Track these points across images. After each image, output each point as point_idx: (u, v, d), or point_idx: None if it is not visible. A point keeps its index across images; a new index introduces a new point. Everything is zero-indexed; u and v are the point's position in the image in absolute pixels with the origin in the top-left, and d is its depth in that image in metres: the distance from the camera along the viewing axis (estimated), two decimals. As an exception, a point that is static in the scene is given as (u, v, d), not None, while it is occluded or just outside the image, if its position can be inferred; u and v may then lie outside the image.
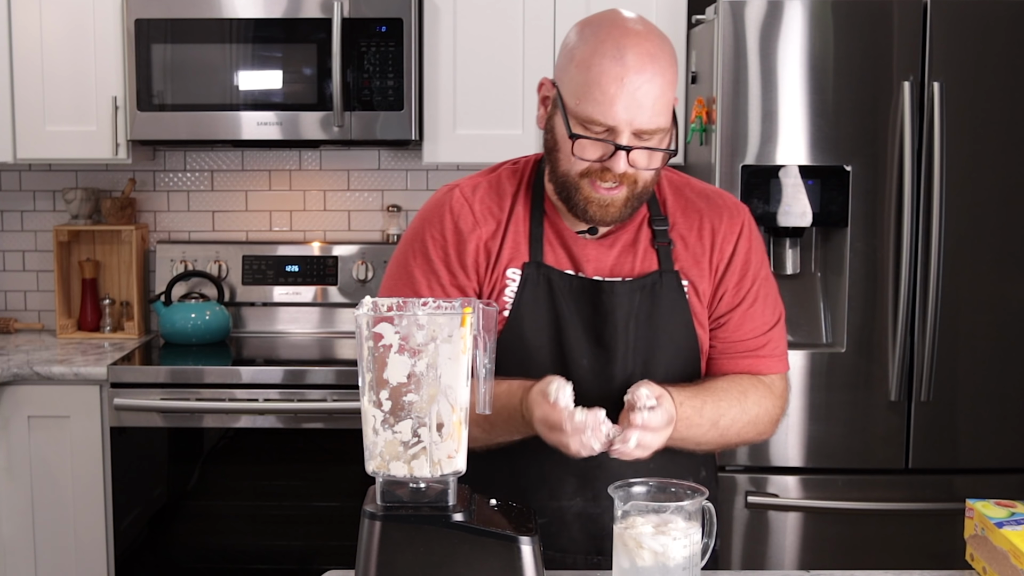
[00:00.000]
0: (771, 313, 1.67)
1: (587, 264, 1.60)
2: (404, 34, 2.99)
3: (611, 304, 1.58)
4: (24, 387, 2.87)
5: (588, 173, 1.50)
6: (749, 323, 1.64)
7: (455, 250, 1.60)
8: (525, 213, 1.62)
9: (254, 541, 2.92)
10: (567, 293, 1.59)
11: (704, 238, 1.63)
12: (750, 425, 1.61)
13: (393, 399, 1.26)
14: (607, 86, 1.45)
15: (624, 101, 1.45)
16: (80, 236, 3.43)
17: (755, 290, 1.65)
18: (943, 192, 2.61)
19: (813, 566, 2.65)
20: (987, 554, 1.48)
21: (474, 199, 1.62)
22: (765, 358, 1.65)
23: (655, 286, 1.59)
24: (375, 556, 1.28)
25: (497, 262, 1.60)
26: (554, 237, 1.61)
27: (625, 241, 1.61)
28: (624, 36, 1.47)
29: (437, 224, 1.62)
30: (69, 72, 3.07)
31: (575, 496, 1.60)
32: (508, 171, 1.67)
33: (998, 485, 2.68)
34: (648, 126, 1.46)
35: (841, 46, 2.63)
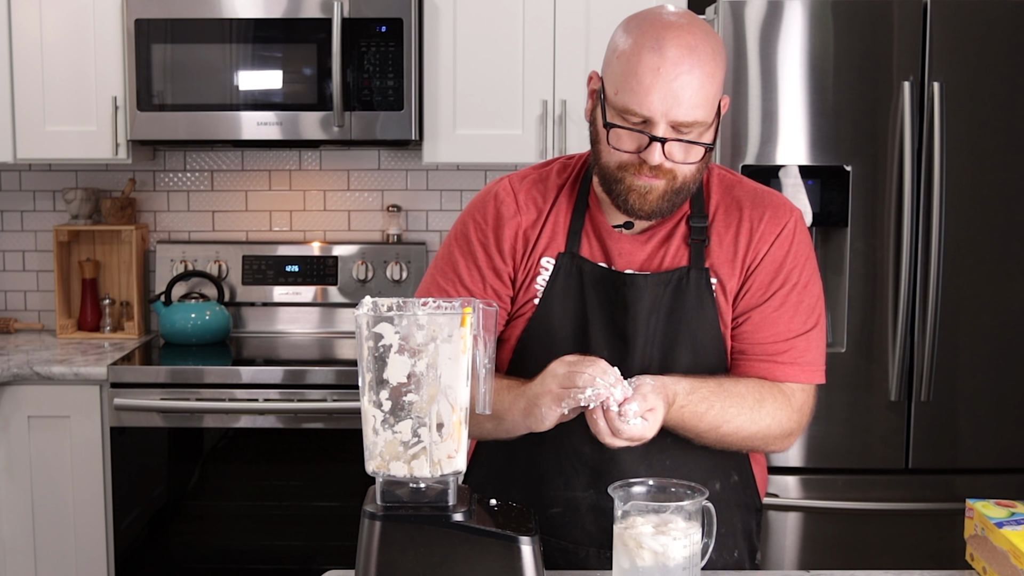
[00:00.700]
0: (801, 322, 1.60)
1: (619, 258, 1.61)
2: (404, 34, 2.99)
3: (633, 297, 1.58)
4: (24, 387, 2.87)
5: (626, 165, 1.50)
6: (771, 327, 1.59)
7: (494, 233, 1.63)
8: (568, 206, 1.63)
9: (254, 541, 2.92)
10: (594, 284, 1.60)
11: (741, 236, 1.60)
12: (757, 437, 1.57)
13: (393, 399, 1.26)
14: (643, 76, 1.45)
15: (660, 92, 1.44)
16: (80, 236, 3.43)
17: (784, 295, 1.59)
18: (943, 192, 2.61)
19: (813, 566, 2.65)
20: (987, 554, 1.48)
21: (520, 188, 1.65)
22: (785, 364, 1.60)
23: (681, 281, 1.58)
24: (375, 556, 1.28)
25: (534, 250, 1.62)
26: (592, 230, 1.63)
27: (660, 237, 1.61)
28: (666, 28, 1.46)
29: (481, 209, 1.65)
30: (69, 72, 3.07)
31: (589, 488, 1.60)
32: (560, 165, 1.69)
33: (998, 485, 2.68)
34: (685, 118, 1.45)
35: (841, 46, 2.63)
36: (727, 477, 1.65)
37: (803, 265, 1.62)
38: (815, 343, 1.62)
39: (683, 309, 1.58)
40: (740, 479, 1.67)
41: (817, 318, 1.62)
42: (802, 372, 1.61)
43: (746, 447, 1.60)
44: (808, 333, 1.61)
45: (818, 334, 1.62)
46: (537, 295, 1.61)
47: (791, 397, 1.59)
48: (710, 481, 1.61)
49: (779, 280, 1.59)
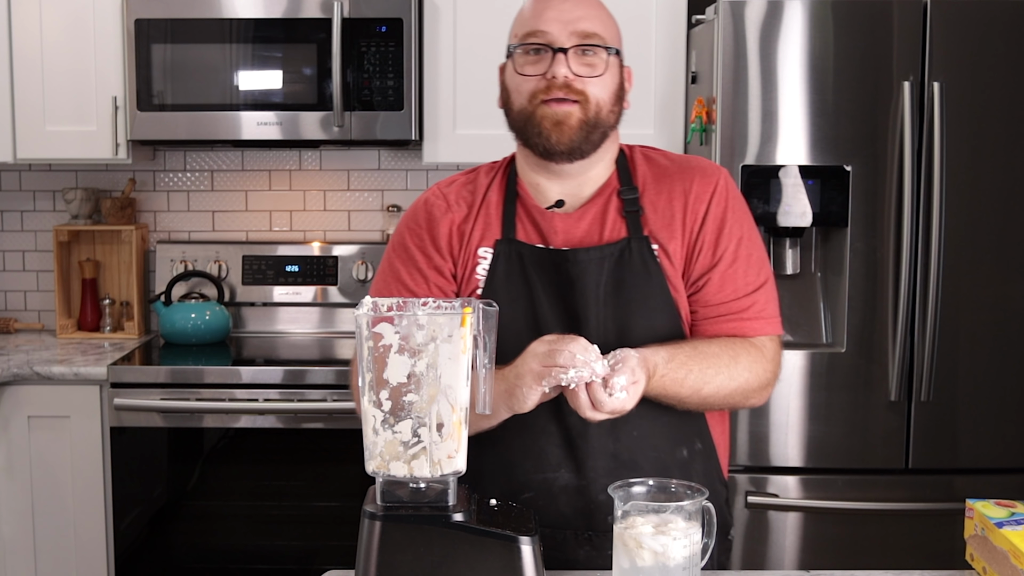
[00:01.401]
0: (755, 274, 1.63)
1: (555, 237, 1.63)
2: (404, 34, 2.99)
3: (577, 272, 1.59)
4: (24, 387, 2.87)
5: (536, 93, 1.55)
6: (730, 284, 1.61)
7: (429, 234, 1.66)
8: (498, 196, 1.67)
9: (254, 541, 2.92)
10: (537, 266, 1.61)
11: (675, 200, 1.63)
12: (737, 393, 1.58)
13: (393, 399, 1.26)
14: (538, 3, 1.58)
15: (555, 9, 1.54)
16: (80, 236, 3.43)
17: (734, 250, 1.62)
18: (943, 192, 2.61)
19: (813, 566, 2.65)
20: (987, 554, 1.48)
21: (448, 190, 1.71)
22: (751, 320, 1.62)
23: (623, 253, 1.60)
24: (375, 556, 1.28)
25: (469, 241, 1.65)
26: (525, 215, 1.65)
27: (594, 213, 1.64)
28: None
29: (413, 217, 1.71)
30: (69, 72, 3.07)
31: (559, 468, 1.60)
32: (486, 168, 1.74)
33: (998, 485, 2.68)
34: (582, 27, 1.54)
35: (841, 46, 2.63)
36: (692, 444, 1.66)
37: (741, 218, 1.66)
38: (772, 294, 1.66)
39: (630, 280, 1.60)
40: (703, 447, 1.68)
41: (768, 270, 1.67)
42: (767, 324, 1.64)
43: (728, 404, 1.61)
44: (765, 285, 1.65)
45: (771, 285, 1.66)
46: (479, 285, 1.63)
47: (763, 349, 1.62)
48: (677, 449, 1.63)
49: (726, 237, 1.62)
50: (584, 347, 1.39)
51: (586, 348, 1.39)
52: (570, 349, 1.38)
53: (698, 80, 2.90)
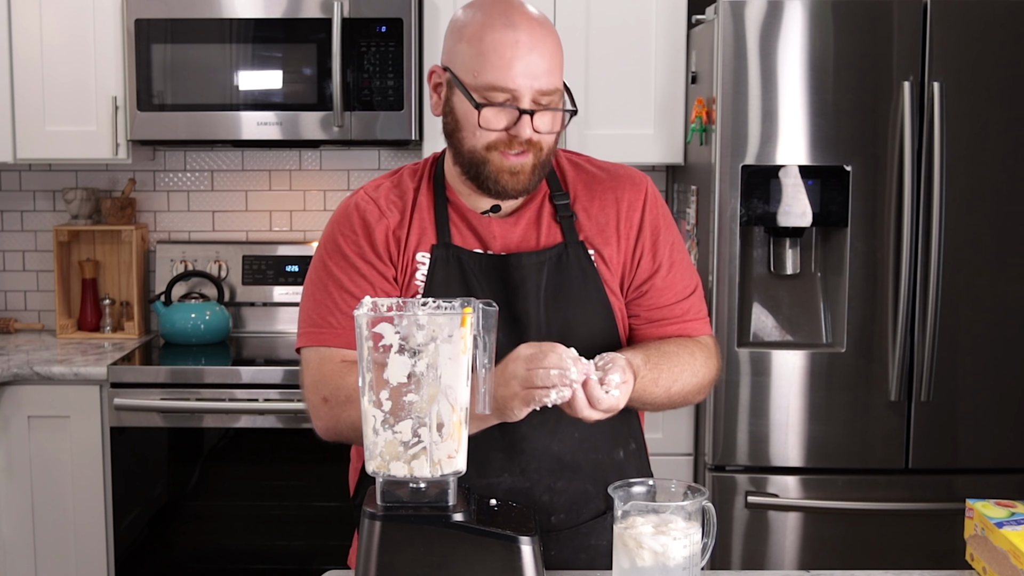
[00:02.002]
0: (690, 277, 1.70)
1: (494, 241, 1.63)
2: (404, 34, 2.99)
3: (520, 277, 1.60)
4: (24, 387, 2.87)
5: (495, 145, 1.54)
6: (671, 289, 1.67)
7: (367, 241, 1.62)
8: (429, 201, 1.65)
9: (254, 541, 2.92)
10: (477, 271, 1.61)
11: (607, 208, 1.65)
12: (696, 389, 1.64)
13: (393, 399, 1.26)
14: (503, 51, 1.50)
15: (522, 63, 1.50)
16: (80, 236, 3.43)
17: (670, 255, 1.67)
18: (943, 192, 2.61)
19: (813, 566, 2.65)
20: (987, 554, 1.48)
21: (378, 195, 1.65)
22: (692, 321, 1.68)
23: (561, 257, 1.62)
24: (375, 556, 1.28)
25: (406, 247, 1.63)
26: (459, 219, 1.64)
27: (529, 217, 1.64)
28: (509, 8, 1.53)
29: (346, 223, 1.64)
30: (69, 72, 3.07)
31: (502, 472, 1.60)
32: (409, 170, 1.71)
33: (998, 485, 2.68)
34: (546, 87, 1.51)
35: (841, 46, 2.63)
36: (627, 445, 1.69)
37: (670, 224, 1.70)
38: (702, 296, 1.72)
39: (569, 283, 1.61)
40: (636, 447, 1.71)
41: (696, 272, 1.73)
42: (705, 325, 1.71)
43: (687, 401, 1.65)
44: (697, 288, 1.71)
45: (700, 287, 1.73)
46: (419, 291, 1.62)
47: (708, 347, 1.69)
48: (615, 450, 1.65)
49: (663, 244, 1.67)
50: (559, 358, 1.38)
51: (562, 357, 1.38)
52: (545, 366, 1.37)
53: (698, 80, 2.90)
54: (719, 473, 2.72)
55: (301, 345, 1.62)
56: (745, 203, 2.66)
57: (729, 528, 2.71)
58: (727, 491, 2.71)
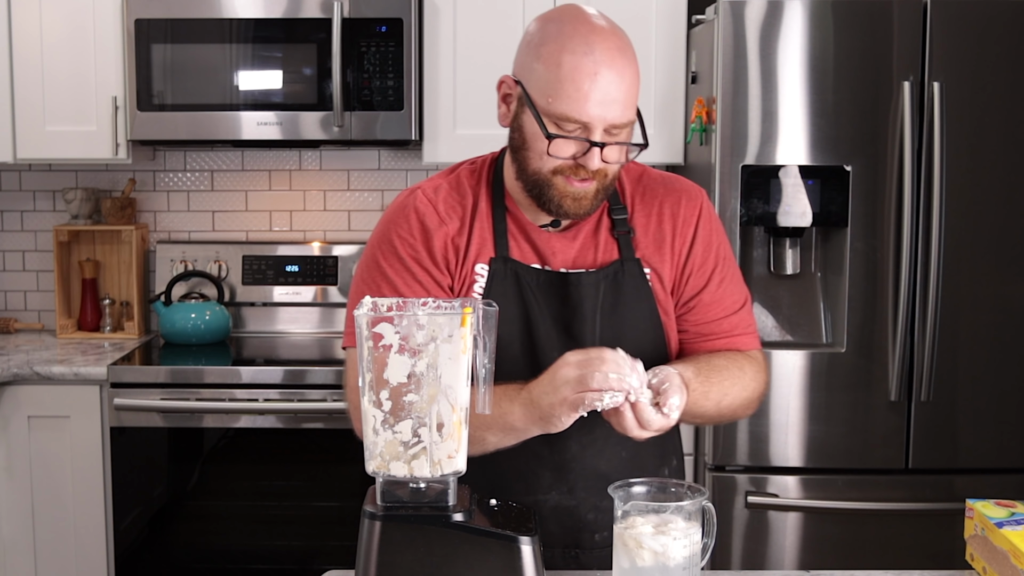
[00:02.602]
0: (739, 292, 1.69)
1: (553, 257, 1.62)
2: (404, 34, 2.99)
3: (579, 296, 1.59)
4: (24, 387, 2.87)
5: (561, 170, 1.51)
6: (719, 303, 1.66)
7: (424, 247, 1.60)
8: (488, 209, 1.63)
9: (254, 541, 2.92)
10: (535, 286, 1.60)
11: (664, 223, 1.64)
12: (745, 403, 1.63)
13: (393, 399, 1.26)
14: (580, 82, 1.45)
15: (597, 97, 1.45)
16: (80, 236, 3.43)
17: (721, 270, 1.66)
18: (943, 192, 2.61)
19: (813, 566, 2.65)
20: (987, 554, 1.48)
21: (437, 199, 1.62)
22: (740, 336, 1.67)
23: (617, 275, 1.61)
24: (375, 556, 1.28)
25: (465, 258, 1.61)
26: (518, 232, 1.62)
27: (587, 232, 1.63)
28: (591, 32, 1.48)
29: (404, 224, 1.61)
30: (69, 72, 3.07)
31: (550, 490, 1.61)
32: (467, 170, 1.67)
33: (998, 485, 2.68)
34: (620, 120, 1.48)
35: (841, 46, 2.63)
36: (670, 462, 1.69)
37: (722, 239, 1.69)
38: (751, 310, 1.71)
39: (624, 301, 1.61)
40: (678, 463, 1.73)
41: (745, 286, 1.72)
42: (754, 339, 1.69)
43: (736, 416, 1.65)
44: (747, 303, 1.70)
45: (750, 301, 1.71)
46: None
47: (757, 361, 1.68)
48: (660, 468, 1.67)
49: (712, 259, 1.66)
50: (616, 364, 1.37)
51: (618, 364, 1.37)
52: (603, 371, 1.36)
53: (698, 80, 2.90)
54: (719, 473, 2.72)
55: (347, 345, 1.60)
56: (745, 203, 2.66)
57: (729, 528, 2.71)
58: (727, 491, 2.71)
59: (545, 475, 1.60)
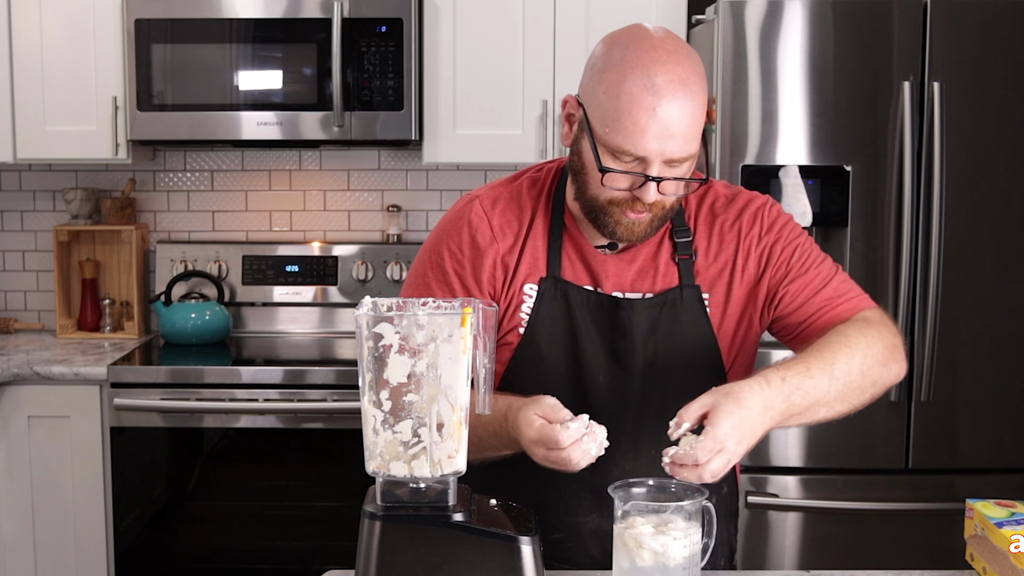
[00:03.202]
0: (826, 269, 1.59)
1: (606, 280, 1.58)
2: (404, 34, 2.99)
3: (629, 321, 1.55)
4: (24, 387, 2.86)
5: (617, 201, 1.47)
6: (808, 286, 1.57)
7: (471, 264, 1.58)
8: (544, 226, 1.59)
9: (254, 541, 2.92)
10: (584, 309, 1.56)
11: (727, 244, 1.58)
12: (868, 360, 1.47)
13: (393, 399, 1.26)
14: (638, 116, 1.41)
15: (655, 131, 1.41)
16: (80, 236, 3.43)
17: (799, 259, 1.57)
18: (943, 192, 2.61)
19: (813, 566, 2.65)
20: (987, 554, 1.48)
21: (493, 212, 1.59)
22: (841, 304, 1.56)
23: (675, 302, 1.56)
24: (375, 556, 1.28)
25: (515, 277, 1.58)
26: (573, 251, 1.59)
27: (646, 255, 1.58)
28: (654, 62, 1.43)
29: (455, 237, 1.59)
30: (69, 72, 3.07)
31: (591, 512, 1.58)
32: (529, 180, 1.63)
33: (998, 485, 2.68)
34: (679, 155, 1.43)
35: (841, 46, 2.63)
36: (720, 490, 1.62)
37: (793, 232, 1.60)
38: (847, 278, 1.60)
39: (679, 329, 1.56)
40: (728, 489, 1.66)
41: (832, 261, 1.61)
42: (860, 302, 1.57)
43: (873, 379, 1.49)
44: (838, 272, 1.59)
45: (843, 272, 1.61)
46: (522, 324, 1.57)
47: (866, 319, 1.53)
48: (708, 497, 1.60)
49: (785, 256, 1.57)
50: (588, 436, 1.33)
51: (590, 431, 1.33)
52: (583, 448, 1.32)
53: (698, 80, 2.90)
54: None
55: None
56: (745, 203, 2.66)
57: (729, 528, 2.71)
58: (727, 491, 2.71)
59: (586, 497, 1.58)
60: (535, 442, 1.37)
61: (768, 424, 1.38)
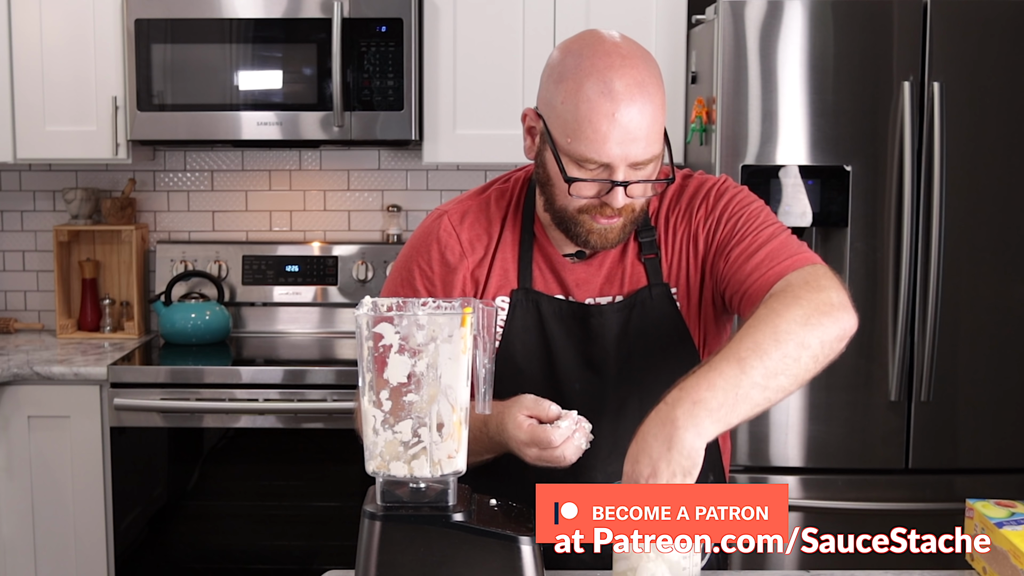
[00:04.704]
0: (768, 233, 1.52)
1: (576, 288, 1.59)
2: (404, 34, 2.99)
3: (601, 327, 1.56)
4: (24, 387, 2.86)
5: (587, 209, 1.47)
6: (754, 243, 1.51)
7: (441, 281, 1.59)
8: (514, 239, 1.60)
9: (254, 541, 2.92)
10: (556, 319, 1.57)
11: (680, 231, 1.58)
12: (805, 328, 1.34)
13: (393, 399, 1.26)
14: (598, 123, 1.40)
15: (617, 136, 1.40)
16: (80, 236, 3.43)
17: (745, 219, 1.53)
18: (943, 192, 2.61)
19: (813, 566, 2.64)
20: (987, 554, 1.48)
21: (462, 227, 1.60)
22: (779, 265, 1.47)
23: (645, 302, 1.57)
24: (375, 556, 1.28)
25: (485, 291, 1.59)
26: (543, 262, 1.60)
27: (613, 258, 1.59)
28: (609, 67, 1.41)
29: (425, 254, 1.60)
30: (69, 72, 3.07)
31: None
32: (497, 192, 1.64)
33: (998, 485, 2.68)
34: (643, 157, 1.43)
35: (841, 46, 2.63)
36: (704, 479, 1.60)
37: (738, 199, 1.56)
38: (788, 239, 1.52)
39: (651, 329, 1.56)
40: (715, 478, 1.67)
41: (775, 223, 1.54)
42: (795, 261, 1.47)
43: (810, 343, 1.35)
44: (780, 234, 1.52)
45: (790, 233, 1.54)
46: (496, 337, 1.57)
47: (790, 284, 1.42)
48: None
49: (732, 219, 1.53)
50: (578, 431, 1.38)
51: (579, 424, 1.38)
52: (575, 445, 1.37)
53: (698, 80, 2.90)
54: (719, 473, 2.72)
55: None
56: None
57: (729, 528, 2.71)
58: (727, 491, 2.70)
59: None
60: (527, 443, 1.39)
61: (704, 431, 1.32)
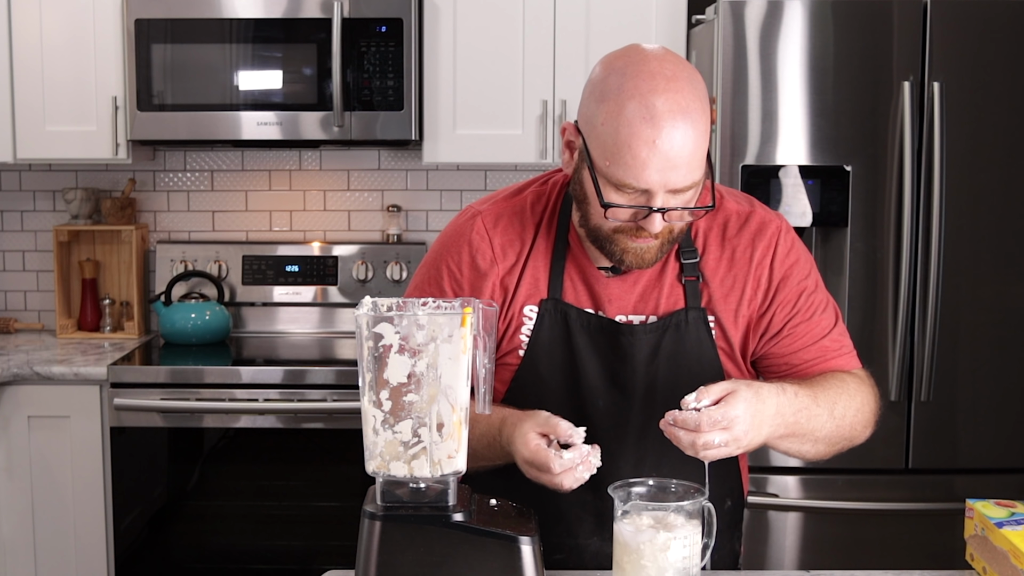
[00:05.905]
0: (828, 318, 1.59)
1: (609, 304, 1.54)
2: (404, 34, 2.99)
3: (630, 346, 1.52)
4: (24, 387, 2.86)
5: (622, 229, 1.43)
6: (808, 333, 1.56)
7: (469, 285, 1.55)
8: (547, 247, 1.55)
9: (254, 541, 2.92)
10: (584, 332, 1.53)
11: (736, 266, 1.55)
12: (859, 415, 1.53)
13: (393, 399, 1.26)
14: (638, 150, 1.35)
15: (657, 164, 1.35)
16: (80, 236, 3.43)
17: (806, 301, 1.57)
18: (943, 192, 2.61)
19: (813, 566, 2.65)
20: (987, 554, 1.48)
21: (495, 231, 1.56)
22: (835, 359, 1.57)
23: (680, 325, 1.53)
24: (375, 556, 1.28)
25: (514, 299, 1.55)
26: (576, 273, 1.55)
27: (649, 276, 1.54)
28: (652, 91, 1.35)
29: (455, 255, 1.57)
30: (69, 72, 3.07)
31: (592, 535, 1.57)
32: (534, 195, 1.59)
33: (998, 485, 2.68)
34: (682, 184, 1.37)
35: (841, 46, 2.63)
36: (723, 504, 1.60)
37: (805, 267, 1.59)
38: (845, 332, 1.62)
39: (683, 353, 1.53)
40: (733, 503, 1.65)
41: (835, 308, 1.62)
42: (852, 359, 1.60)
43: (854, 431, 1.55)
44: (838, 324, 1.60)
45: (842, 323, 1.62)
46: (522, 346, 1.55)
47: (860, 377, 1.58)
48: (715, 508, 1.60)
49: (794, 293, 1.56)
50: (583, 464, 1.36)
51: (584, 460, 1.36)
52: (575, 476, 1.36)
53: (698, 80, 2.90)
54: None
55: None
56: (745, 203, 2.66)
57: (729, 528, 2.71)
58: (727, 491, 2.71)
59: (588, 520, 1.56)
60: (528, 462, 1.40)
61: (773, 429, 1.40)
